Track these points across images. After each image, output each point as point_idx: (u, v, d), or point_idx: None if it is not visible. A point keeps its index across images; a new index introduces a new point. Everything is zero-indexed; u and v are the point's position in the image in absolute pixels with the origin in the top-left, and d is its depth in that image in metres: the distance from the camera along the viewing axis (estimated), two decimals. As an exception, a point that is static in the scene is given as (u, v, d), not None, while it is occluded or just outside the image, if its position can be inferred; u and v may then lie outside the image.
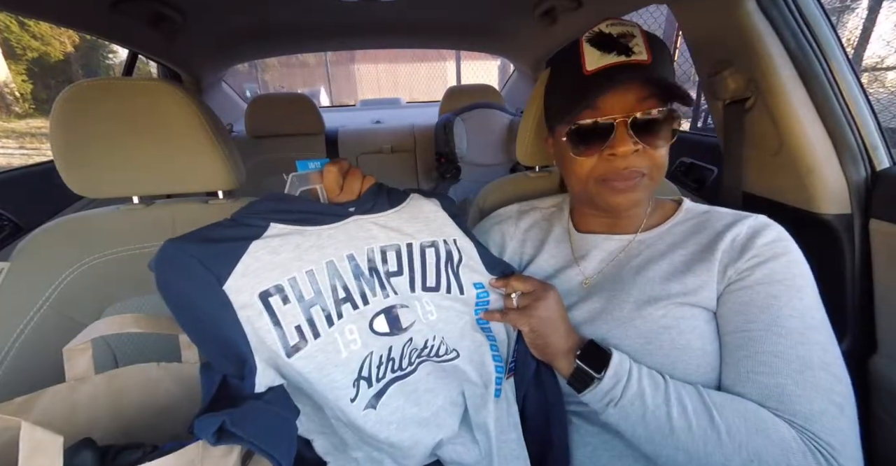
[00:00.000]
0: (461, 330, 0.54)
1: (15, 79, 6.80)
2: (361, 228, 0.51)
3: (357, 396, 0.47)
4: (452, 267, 0.55)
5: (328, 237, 0.49)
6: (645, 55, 0.50)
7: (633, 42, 0.50)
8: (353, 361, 0.47)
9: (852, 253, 0.74)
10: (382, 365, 0.49)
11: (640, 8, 1.08)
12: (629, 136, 0.50)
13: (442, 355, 0.53)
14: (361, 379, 0.47)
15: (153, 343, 0.74)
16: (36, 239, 0.68)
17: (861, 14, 2.14)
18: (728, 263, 0.50)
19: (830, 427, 0.41)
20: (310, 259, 0.47)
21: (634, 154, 0.51)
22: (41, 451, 0.31)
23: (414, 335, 0.51)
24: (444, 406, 0.54)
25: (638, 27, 0.52)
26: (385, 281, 0.51)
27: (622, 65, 0.50)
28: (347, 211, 0.51)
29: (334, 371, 0.46)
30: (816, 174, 0.75)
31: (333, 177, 0.51)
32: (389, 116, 2.52)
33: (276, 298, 0.44)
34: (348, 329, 0.47)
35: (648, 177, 0.53)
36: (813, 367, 0.43)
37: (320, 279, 0.47)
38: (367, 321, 0.48)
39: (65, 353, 0.51)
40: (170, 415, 0.55)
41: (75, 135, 0.64)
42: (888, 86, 1.79)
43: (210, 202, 0.77)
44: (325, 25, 1.56)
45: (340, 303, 0.47)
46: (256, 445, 0.38)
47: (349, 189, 0.53)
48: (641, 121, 0.50)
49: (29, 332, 0.65)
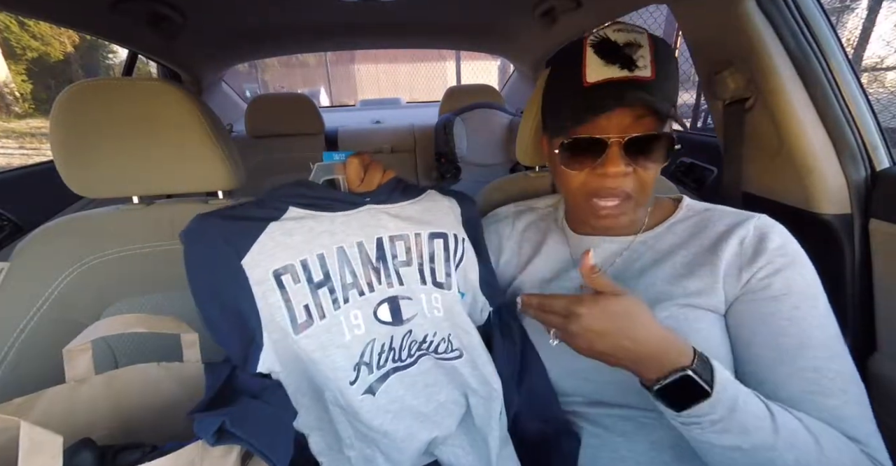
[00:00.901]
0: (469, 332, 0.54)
1: (15, 79, 6.80)
2: (373, 217, 0.53)
3: (357, 380, 0.48)
4: (456, 263, 0.56)
5: (341, 223, 0.51)
6: (649, 71, 0.47)
7: (639, 54, 0.47)
8: (355, 345, 0.49)
9: (852, 253, 0.74)
10: (384, 354, 0.51)
11: (640, 8, 1.08)
12: (621, 157, 0.49)
13: (442, 352, 0.53)
14: (363, 364, 0.49)
15: (154, 343, 0.74)
16: (36, 239, 0.68)
17: (861, 14, 2.14)
18: (742, 267, 0.50)
19: (879, 446, 0.43)
20: (321, 243, 0.49)
21: (627, 175, 0.50)
22: (41, 451, 0.31)
23: (414, 327, 0.52)
24: (445, 404, 0.54)
25: (646, 34, 0.48)
26: (392, 270, 0.52)
27: (624, 81, 0.47)
28: (362, 200, 0.53)
29: (336, 352, 0.47)
30: (816, 174, 0.75)
31: (355, 169, 0.54)
32: (389, 116, 2.52)
33: (287, 277, 0.46)
34: (353, 314, 0.49)
35: (635, 200, 0.52)
36: (850, 382, 0.45)
37: (330, 263, 0.49)
38: (371, 308, 0.50)
39: (65, 354, 0.51)
40: (170, 415, 0.55)
41: (75, 135, 0.64)
42: (888, 86, 1.79)
43: (210, 202, 0.77)
44: (325, 25, 1.56)
45: (348, 288, 0.49)
46: (254, 446, 0.38)
47: (369, 180, 0.55)
48: (636, 141, 0.48)
49: (29, 332, 0.65)
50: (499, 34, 1.70)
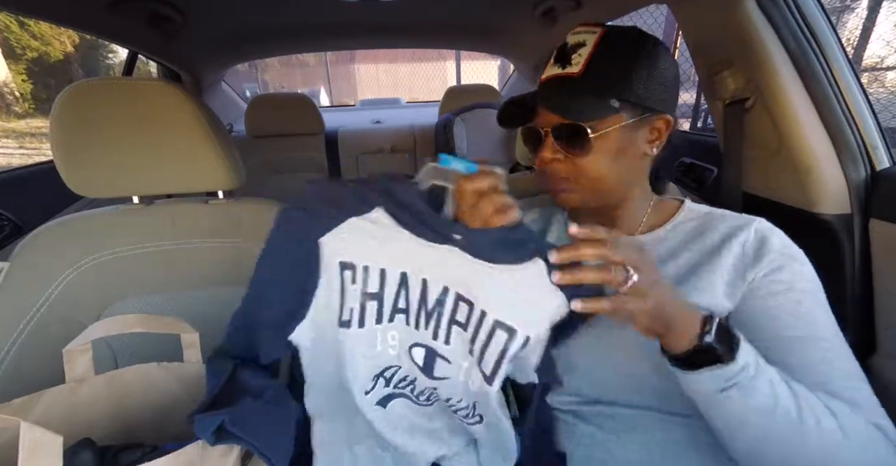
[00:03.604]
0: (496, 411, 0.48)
1: (15, 79, 6.80)
2: (452, 261, 0.44)
3: (372, 390, 0.48)
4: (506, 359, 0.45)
5: (413, 250, 0.45)
6: (578, 68, 0.51)
7: (578, 52, 0.52)
8: (382, 360, 0.48)
9: (852, 253, 0.74)
10: (403, 382, 0.50)
11: (640, 8, 1.08)
12: (551, 145, 0.53)
13: (462, 415, 0.50)
14: (382, 377, 0.49)
15: (154, 343, 0.74)
16: (36, 239, 0.68)
17: (861, 14, 2.14)
18: (745, 269, 0.50)
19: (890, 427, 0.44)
20: (390, 258, 0.46)
21: (558, 161, 0.54)
22: (41, 451, 0.31)
23: (441, 387, 0.48)
24: (451, 425, 0.53)
25: (598, 33, 0.52)
26: (444, 327, 0.46)
27: (552, 78, 0.54)
28: (452, 237, 0.44)
29: (363, 360, 0.47)
30: (816, 174, 0.75)
31: (470, 196, 0.44)
32: (389, 116, 2.52)
33: (349, 273, 0.46)
34: (391, 334, 0.48)
35: (575, 182, 0.54)
36: (857, 374, 0.46)
37: (389, 282, 0.47)
38: (410, 340, 0.48)
39: (65, 354, 0.51)
40: (170, 415, 0.55)
41: (75, 135, 0.65)
42: (888, 86, 1.79)
43: (210, 202, 0.77)
44: (325, 25, 1.56)
45: (396, 311, 0.47)
46: (254, 446, 0.38)
47: (477, 214, 0.43)
48: (558, 131, 0.53)
49: (29, 332, 0.65)
50: (499, 34, 1.70)
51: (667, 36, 1.95)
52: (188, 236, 0.74)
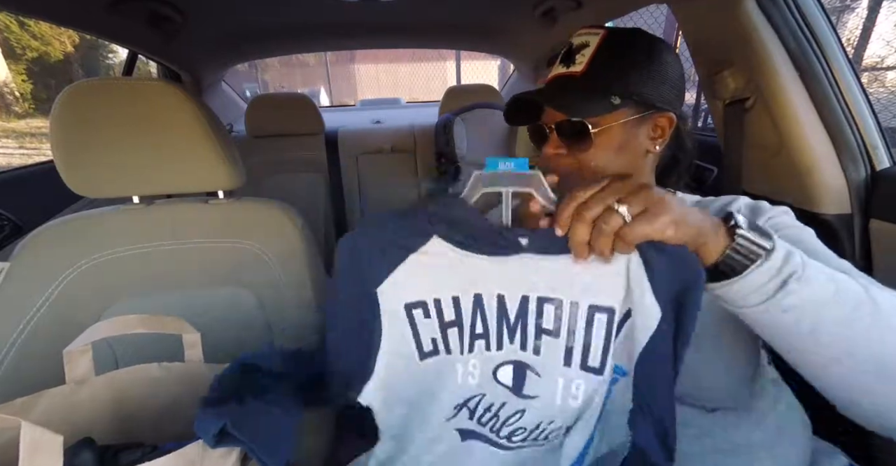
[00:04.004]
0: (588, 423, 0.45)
1: (15, 79, 6.80)
2: (525, 268, 0.42)
3: (454, 418, 0.48)
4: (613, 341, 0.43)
5: (482, 269, 0.43)
6: (580, 67, 0.53)
7: (581, 52, 0.54)
8: (465, 391, 0.47)
9: (852, 253, 0.74)
10: (488, 414, 0.47)
11: (640, 8, 1.08)
12: (555, 141, 0.56)
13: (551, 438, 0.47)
14: (465, 407, 0.48)
15: (154, 343, 0.74)
16: (36, 239, 0.68)
17: (861, 14, 2.14)
18: None
19: None
20: (459, 286, 0.45)
21: (562, 156, 0.56)
22: (41, 451, 0.31)
23: (529, 409, 0.45)
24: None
25: (602, 35, 0.53)
26: (532, 336, 0.44)
27: (557, 77, 0.56)
28: (518, 243, 0.42)
29: (444, 393, 0.47)
30: (816, 174, 0.75)
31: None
32: (389, 116, 2.52)
33: (419, 311, 0.45)
34: (472, 363, 0.47)
35: (578, 177, 0.55)
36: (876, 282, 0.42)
37: (465, 308, 0.45)
38: (492, 366, 0.46)
39: (65, 355, 0.51)
40: (171, 415, 0.55)
41: (75, 135, 0.65)
42: (888, 86, 1.79)
43: (210, 202, 0.77)
44: (325, 25, 1.56)
45: (475, 338, 0.46)
46: (253, 449, 0.38)
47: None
48: (562, 127, 0.55)
49: (29, 332, 0.65)
50: (499, 34, 1.70)
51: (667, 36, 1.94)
52: (188, 236, 0.74)
